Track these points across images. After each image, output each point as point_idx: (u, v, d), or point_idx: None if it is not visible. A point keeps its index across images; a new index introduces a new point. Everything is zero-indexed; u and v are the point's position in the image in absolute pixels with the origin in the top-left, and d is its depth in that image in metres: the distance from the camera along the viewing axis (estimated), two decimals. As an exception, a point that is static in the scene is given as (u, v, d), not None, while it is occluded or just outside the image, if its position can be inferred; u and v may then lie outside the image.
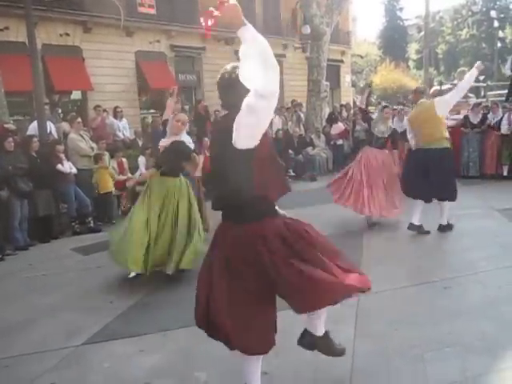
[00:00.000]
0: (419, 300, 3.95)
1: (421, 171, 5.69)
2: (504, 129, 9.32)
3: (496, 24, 31.48)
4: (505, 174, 9.35)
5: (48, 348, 3.53)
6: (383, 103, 8.90)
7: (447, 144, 5.71)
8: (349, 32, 24.67)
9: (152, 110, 15.50)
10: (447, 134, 5.76)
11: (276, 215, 2.47)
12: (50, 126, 7.95)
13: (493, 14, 32.54)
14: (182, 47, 16.27)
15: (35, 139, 7.14)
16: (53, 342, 3.63)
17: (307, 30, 14.85)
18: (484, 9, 38.25)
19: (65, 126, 8.66)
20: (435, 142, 5.59)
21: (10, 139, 6.58)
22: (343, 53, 23.75)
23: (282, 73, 14.18)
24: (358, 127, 11.74)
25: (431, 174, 5.60)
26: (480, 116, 9.92)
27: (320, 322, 2.75)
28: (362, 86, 32.33)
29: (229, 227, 2.38)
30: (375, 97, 31.32)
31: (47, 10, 12.07)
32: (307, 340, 2.82)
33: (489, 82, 22.00)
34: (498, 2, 38.41)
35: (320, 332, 2.78)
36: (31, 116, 7.82)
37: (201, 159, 6.57)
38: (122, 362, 3.30)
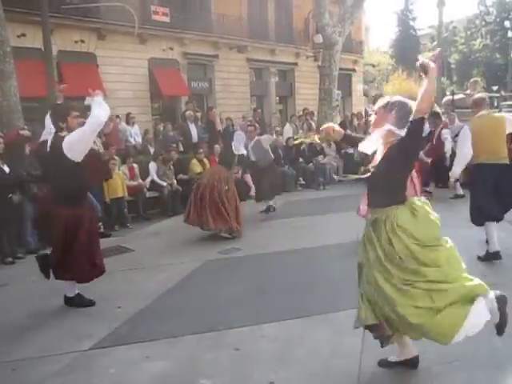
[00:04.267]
0: (428, 312, 3.90)
1: (490, 189, 5.24)
2: None
3: (510, 34, 31.22)
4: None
5: (54, 352, 3.55)
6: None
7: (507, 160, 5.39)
8: (361, 41, 24.71)
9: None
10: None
11: None
12: (63, 132, 8.03)
13: (507, 24, 32.32)
14: (194, 55, 16.43)
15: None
16: (59, 346, 3.65)
17: (319, 39, 14.90)
18: (498, 19, 37.96)
19: (77, 131, 8.75)
20: (498, 157, 5.28)
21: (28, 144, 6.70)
22: (355, 62, 23.78)
23: (293, 81, 14.48)
24: (369, 136, 11.73)
25: (498, 191, 5.22)
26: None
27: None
28: (373, 95, 32.30)
29: None
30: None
31: (63, 17, 12.28)
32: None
33: (502, 92, 21.79)
34: (511, 13, 38.14)
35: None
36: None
37: None
38: (128, 367, 3.31)
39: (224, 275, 5.26)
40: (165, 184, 8.82)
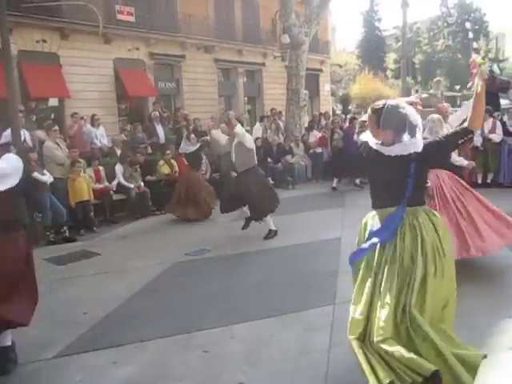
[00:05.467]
0: (394, 307, 3.97)
1: None
2: (476, 142, 9.53)
3: (471, 35, 32.30)
4: (479, 181, 9.54)
5: (18, 362, 3.43)
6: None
7: None
8: (328, 42, 24.98)
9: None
10: None
11: None
12: (25, 134, 7.81)
13: (467, 25, 33.39)
14: (161, 55, 16.23)
15: (12, 147, 7.01)
16: (23, 355, 3.52)
17: (286, 39, 14.97)
18: (459, 20, 39.19)
19: (40, 133, 8.51)
20: None
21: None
22: (322, 62, 24.02)
23: (261, 81, 14.47)
24: (336, 135, 11.86)
25: None
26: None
27: None
28: (340, 94, 32.73)
29: None
30: (354, 105, 31.70)
31: (23, 16, 11.91)
32: None
33: (464, 92, 22.48)
34: (472, 14, 39.41)
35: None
36: (5, 123, 7.67)
37: None
38: (95, 374, 3.23)
39: (193, 277, 5.21)
40: (132, 186, 8.69)
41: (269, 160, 11.75)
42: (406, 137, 2.61)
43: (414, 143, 2.62)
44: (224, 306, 4.26)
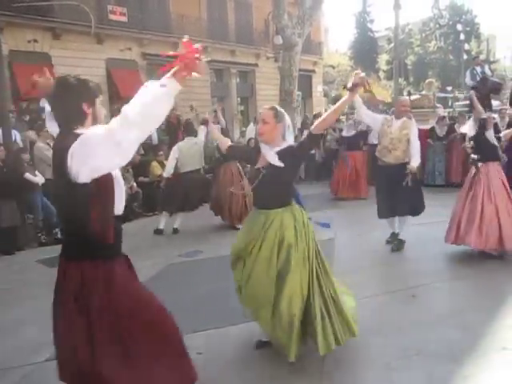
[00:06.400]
0: (387, 309, 3.99)
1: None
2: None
3: (462, 37, 32.54)
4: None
5: (9, 365, 3.40)
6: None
7: None
8: (320, 43, 25.06)
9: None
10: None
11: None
12: (15, 135, 7.75)
13: (459, 27, 33.64)
14: (154, 55, 16.19)
15: (1, 148, 6.97)
16: (15, 358, 3.50)
17: (279, 40, 15.00)
18: (450, 22, 39.48)
19: (31, 134, 8.45)
20: None
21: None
22: (315, 63, 24.09)
23: (254, 82, 14.47)
24: (329, 137, 11.89)
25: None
26: (446, 128, 10.48)
27: None
28: (333, 95, 32.81)
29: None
30: (347, 106, 31.79)
31: (14, 15, 11.84)
32: None
33: (456, 93, 22.68)
34: (463, 16, 39.72)
35: None
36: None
37: None
38: (87, 377, 3.20)
39: (186, 278, 5.19)
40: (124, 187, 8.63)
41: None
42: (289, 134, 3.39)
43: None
44: (218, 308, 4.25)
